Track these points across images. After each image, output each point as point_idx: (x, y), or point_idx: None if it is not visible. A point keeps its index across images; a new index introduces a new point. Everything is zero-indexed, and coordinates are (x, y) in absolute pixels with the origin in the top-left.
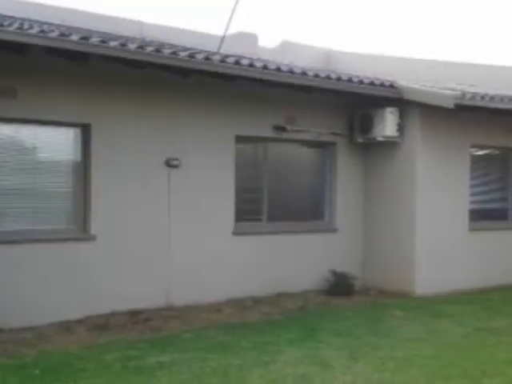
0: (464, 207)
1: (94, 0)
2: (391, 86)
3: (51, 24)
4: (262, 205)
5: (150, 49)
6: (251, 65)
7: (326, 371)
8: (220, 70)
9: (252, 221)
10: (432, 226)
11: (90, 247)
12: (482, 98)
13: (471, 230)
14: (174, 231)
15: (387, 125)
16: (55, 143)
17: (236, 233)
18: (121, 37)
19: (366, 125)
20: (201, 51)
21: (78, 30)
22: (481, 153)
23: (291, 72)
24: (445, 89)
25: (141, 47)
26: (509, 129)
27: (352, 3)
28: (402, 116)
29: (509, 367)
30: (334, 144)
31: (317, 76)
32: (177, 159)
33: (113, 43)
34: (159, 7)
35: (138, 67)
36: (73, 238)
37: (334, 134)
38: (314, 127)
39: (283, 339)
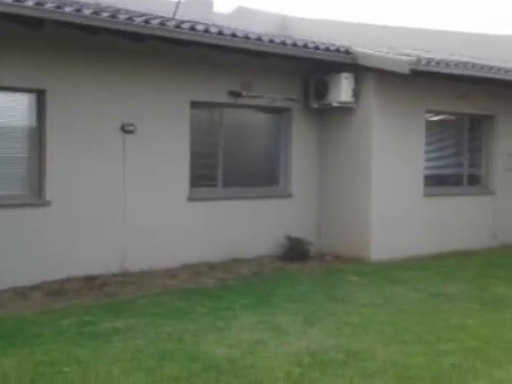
0: (419, 173)
1: None
2: (346, 51)
3: None
4: (217, 170)
5: (105, 14)
6: (206, 30)
7: (281, 337)
8: (175, 35)
9: (207, 186)
10: (387, 191)
11: (44, 213)
12: (437, 63)
13: (426, 195)
14: (129, 197)
15: (342, 90)
16: (10, 109)
17: (191, 198)
18: (76, 2)
19: (321, 90)
20: (156, 17)
21: None
22: (436, 118)
23: (246, 38)
24: (400, 54)
25: (96, 13)
26: (463, 94)
27: None
28: (357, 81)
29: (463, 333)
30: (289, 110)
31: (272, 42)
32: (132, 125)
33: (68, 9)
34: None
35: (93, 33)
36: (28, 204)
37: (290, 99)
38: (270, 93)
39: (238, 305)
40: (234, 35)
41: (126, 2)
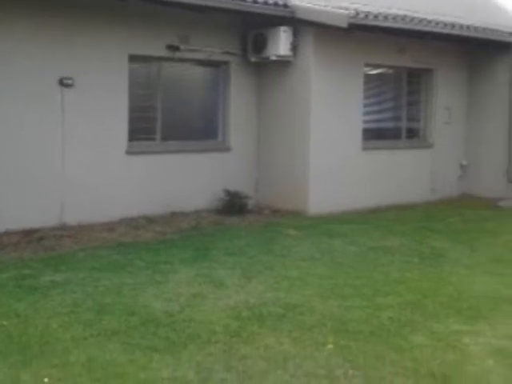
0: (357, 126)
1: None
2: (284, 5)
3: None
4: (156, 124)
5: None
6: None
7: (220, 290)
8: None
9: (146, 140)
10: (325, 145)
11: None
12: (375, 17)
13: (365, 149)
14: (68, 151)
15: (280, 44)
16: None
17: (129, 152)
18: None
19: (260, 44)
20: None
21: None
22: (375, 72)
23: None
24: (338, 8)
25: None
26: (402, 48)
27: None
28: (295, 35)
29: (401, 286)
30: (227, 63)
31: None
32: (70, 78)
33: None
34: None
35: None
36: None
37: (228, 53)
38: (208, 46)
39: (177, 258)
40: None
41: None
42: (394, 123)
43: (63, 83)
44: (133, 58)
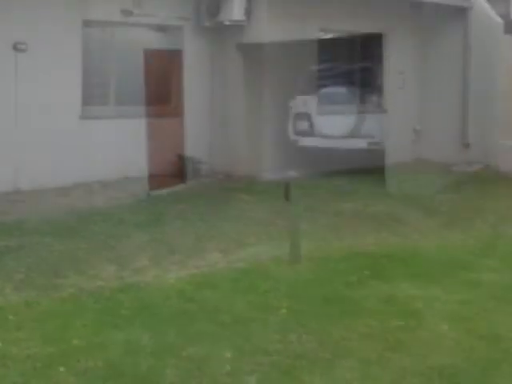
0: None
1: None
2: None
3: None
4: (110, 89)
5: None
6: None
7: (173, 255)
8: None
9: (99, 105)
10: None
11: None
12: None
13: (318, 114)
14: (21, 116)
15: (234, 9)
16: None
17: (83, 117)
18: None
19: (213, 9)
20: None
21: None
22: (328, 37)
23: None
24: None
25: None
26: (356, 12)
27: None
28: (249, 0)
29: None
30: (181, 28)
31: None
32: (24, 43)
33: None
34: None
35: None
36: None
37: (181, 18)
38: (161, 11)
39: (131, 223)
40: None
41: None
42: (348, 88)
43: (17, 48)
44: (87, 23)
